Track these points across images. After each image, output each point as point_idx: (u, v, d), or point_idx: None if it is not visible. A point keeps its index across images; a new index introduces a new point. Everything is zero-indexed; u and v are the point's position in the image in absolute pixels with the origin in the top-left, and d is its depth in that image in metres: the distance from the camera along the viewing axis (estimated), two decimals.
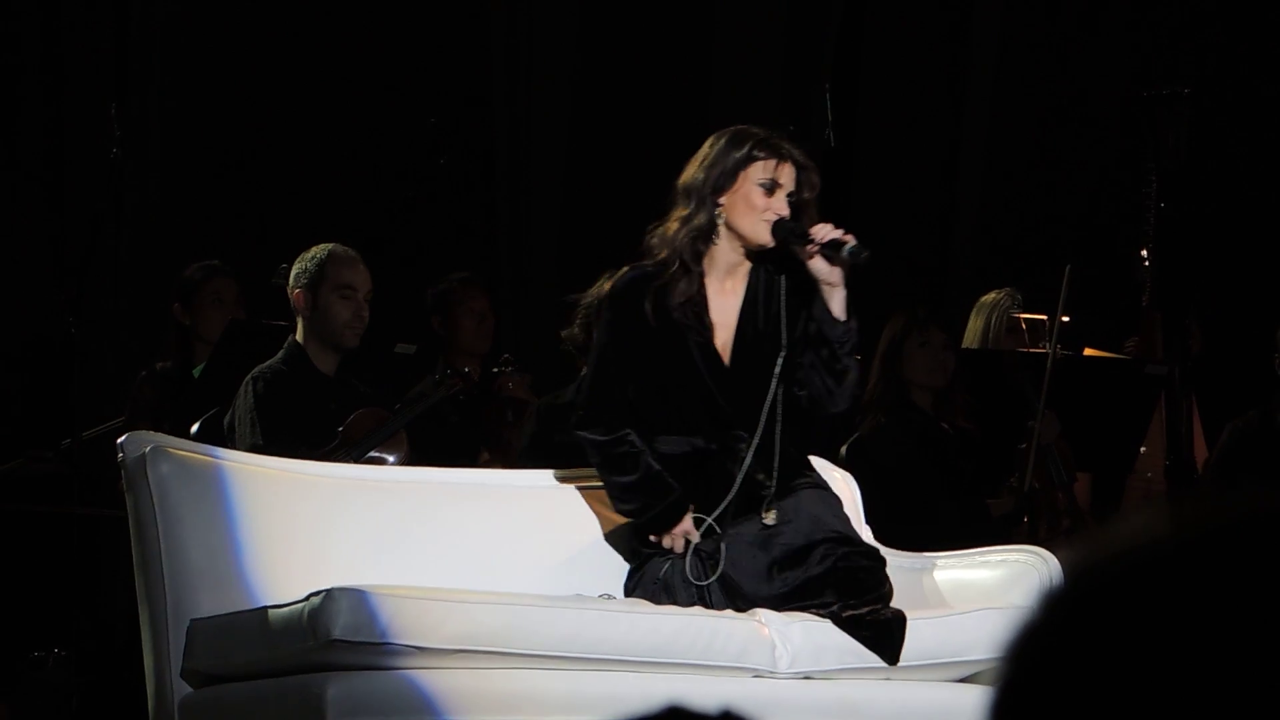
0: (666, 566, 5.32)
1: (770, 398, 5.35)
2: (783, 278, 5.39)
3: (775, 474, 5.35)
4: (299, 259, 6.67)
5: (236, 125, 9.25)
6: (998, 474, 7.44)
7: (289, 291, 6.65)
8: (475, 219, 9.78)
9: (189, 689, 5.15)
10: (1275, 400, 7.87)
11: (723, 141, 5.40)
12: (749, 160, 5.33)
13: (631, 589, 5.37)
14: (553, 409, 7.13)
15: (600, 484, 5.55)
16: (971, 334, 7.96)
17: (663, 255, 5.38)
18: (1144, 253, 8.16)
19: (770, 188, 5.31)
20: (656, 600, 5.28)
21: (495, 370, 7.63)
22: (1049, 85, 9.98)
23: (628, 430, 5.38)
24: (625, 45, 9.82)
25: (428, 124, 9.10)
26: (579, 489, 5.70)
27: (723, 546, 5.29)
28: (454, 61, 9.72)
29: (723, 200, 5.34)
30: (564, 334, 7.01)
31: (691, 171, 5.41)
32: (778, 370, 5.36)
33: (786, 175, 5.33)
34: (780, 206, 5.30)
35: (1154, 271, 8.09)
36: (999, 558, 5.54)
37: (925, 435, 7.37)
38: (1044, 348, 7.46)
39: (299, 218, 8.74)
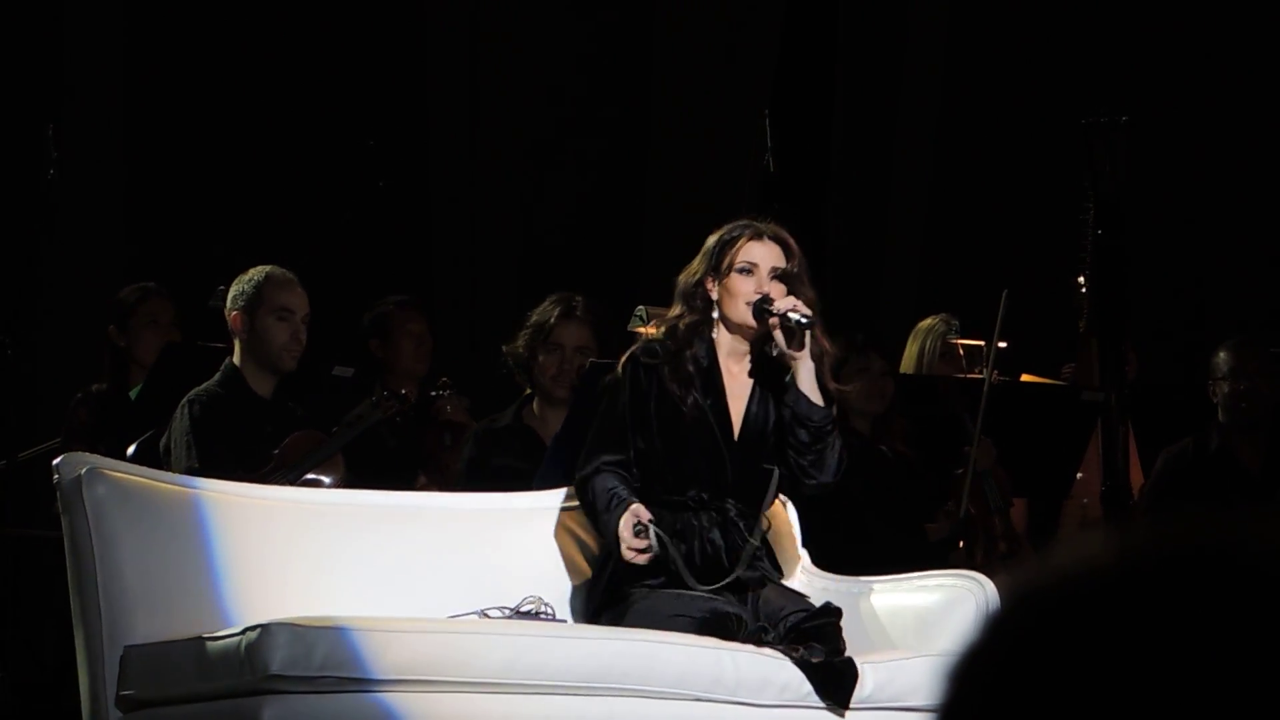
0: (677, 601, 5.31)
1: (773, 481, 5.45)
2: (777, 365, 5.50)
3: (751, 540, 5.41)
4: (236, 281, 6.64)
5: (174, 147, 9.21)
6: (934, 499, 7.45)
7: (226, 313, 6.63)
8: (413, 241, 9.76)
9: (122, 714, 5.11)
10: (1210, 427, 7.91)
11: (708, 243, 5.53)
12: (726, 248, 5.46)
13: (617, 617, 5.34)
14: (490, 433, 7.12)
15: (542, 506, 5.58)
16: (908, 359, 7.99)
17: (672, 344, 5.46)
18: (1081, 279, 8.19)
19: (748, 269, 5.39)
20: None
21: (433, 394, 7.61)
22: (988, 110, 10.02)
23: (610, 474, 5.40)
24: (575, 66, 9.82)
25: (366, 146, 9.08)
26: (516, 511, 5.69)
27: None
28: (392, 83, 9.71)
29: (712, 293, 5.48)
30: (505, 348, 7.02)
31: (685, 275, 5.51)
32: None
33: (765, 253, 5.42)
34: (762, 286, 5.39)
35: (1091, 298, 8.12)
36: (935, 582, 5.56)
37: (863, 460, 7.38)
38: (980, 373, 7.49)
39: (236, 239, 8.71)
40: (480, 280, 9.72)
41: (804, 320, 5.38)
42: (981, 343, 7.67)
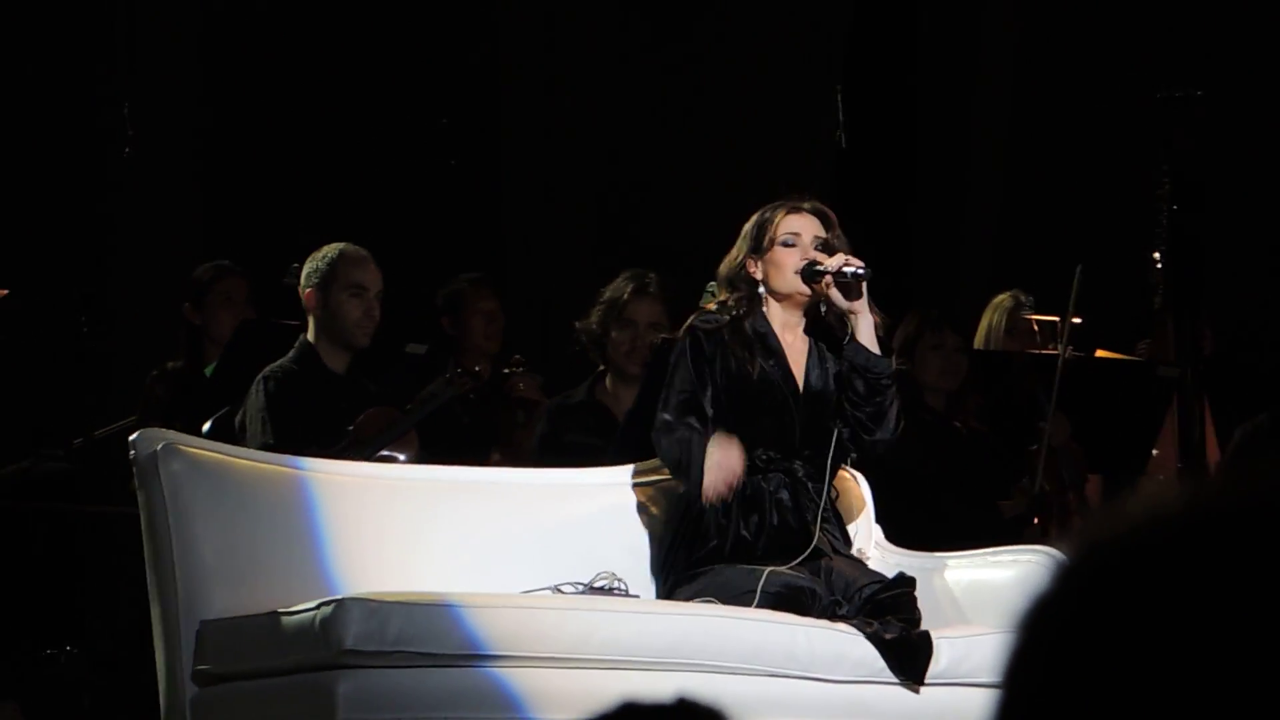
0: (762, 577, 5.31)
1: (833, 444, 5.47)
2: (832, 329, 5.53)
3: (822, 505, 5.41)
4: (310, 258, 6.67)
5: (248, 125, 9.25)
6: (1009, 475, 7.42)
7: (300, 291, 6.65)
8: (487, 219, 9.77)
9: (198, 688, 5.15)
10: None
11: (747, 225, 5.59)
12: (766, 226, 5.51)
13: (694, 594, 5.35)
14: (563, 409, 7.13)
15: (615, 482, 5.60)
16: (979, 334, 7.96)
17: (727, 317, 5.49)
18: (1156, 255, 8.14)
19: (791, 242, 5.42)
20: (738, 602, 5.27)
21: (506, 371, 7.63)
22: (1063, 87, 9.97)
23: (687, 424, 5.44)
24: (642, 47, 9.82)
25: (439, 124, 9.10)
26: (589, 487, 5.70)
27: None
28: (465, 61, 9.72)
29: (756, 274, 5.51)
30: (579, 324, 7.03)
31: (726, 263, 5.57)
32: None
33: (805, 224, 5.48)
34: (807, 254, 5.42)
35: (1166, 273, 8.07)
36: (1010, 557, 5.54)
37: (938, 436, 7.36)
38: (1055, 349, 7.45)
39: (310, 217, 8.74)
40: (554, 257, 9.72)
41: (860, 271, 5.42)
42: (1056, 318, 7.63)
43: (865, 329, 5.48)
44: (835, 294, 5.47)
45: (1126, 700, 1.05)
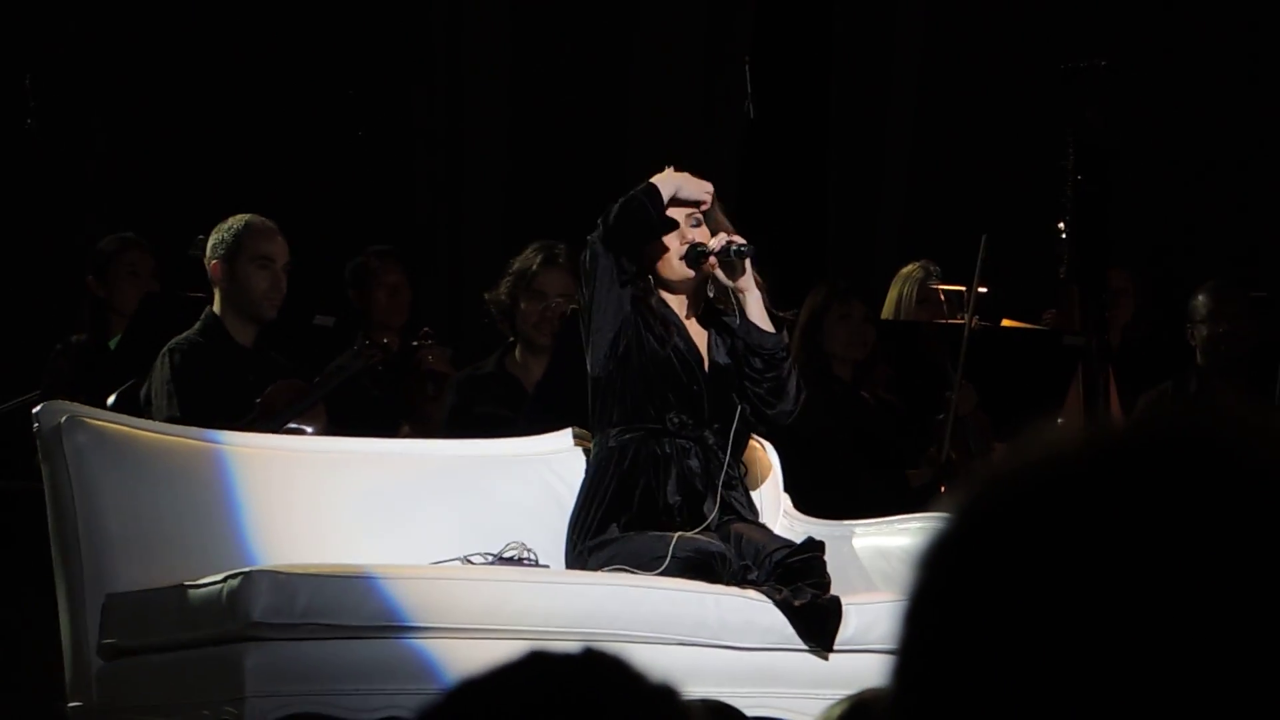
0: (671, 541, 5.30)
1: (736, 417, 5.48)
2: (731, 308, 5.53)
3: (724, 472, 5.42)
4: (215, 230, 6.63)
5: (153, 94, 9.17)
6: (917, 444, 7.46)
7: (205, 262, 6.61)
8: (396, 191, 9.74)
9: (104, 662, 5.12)
10: (1188, 370, 7.92)
11: None
12: None
13: (604, 561, 5.35)
14: (473, 380, 7.12)
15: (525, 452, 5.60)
16: (888, 305, 7.99)
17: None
18: (1061, 225, 8.19)
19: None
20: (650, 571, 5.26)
21: (415, 344, 7.61)
22: (971, 57, 10.01)
23: None
24: (554, 15, 9.79)
25: (347, 95, 9.05)
26: (499, 458, 5.70)
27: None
28: (372, 31, 9.67)
29: (647, 267, 5.48)
30: (488, 295, 7.02)
31: None
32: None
33: (677, 207, 5.44)
34: (687, 236, 5.41)
35: (1071, 243, 8.12)
36: (917, 525, 5.57)
37: (845, 406, 7.39)
38: (962, 319, 7.49)
39: (216, 189, 8.68)
40: (462, 228, 9.70)
41: (743, 249, 5.41)
42: (962, 288, 7.67)
43: (754, 305, 5.49)
44: (719, 274, 5.47)
45: (1025, 634, 1.05)
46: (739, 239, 5.44)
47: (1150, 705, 1.02)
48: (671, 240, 5.49)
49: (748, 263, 5.44)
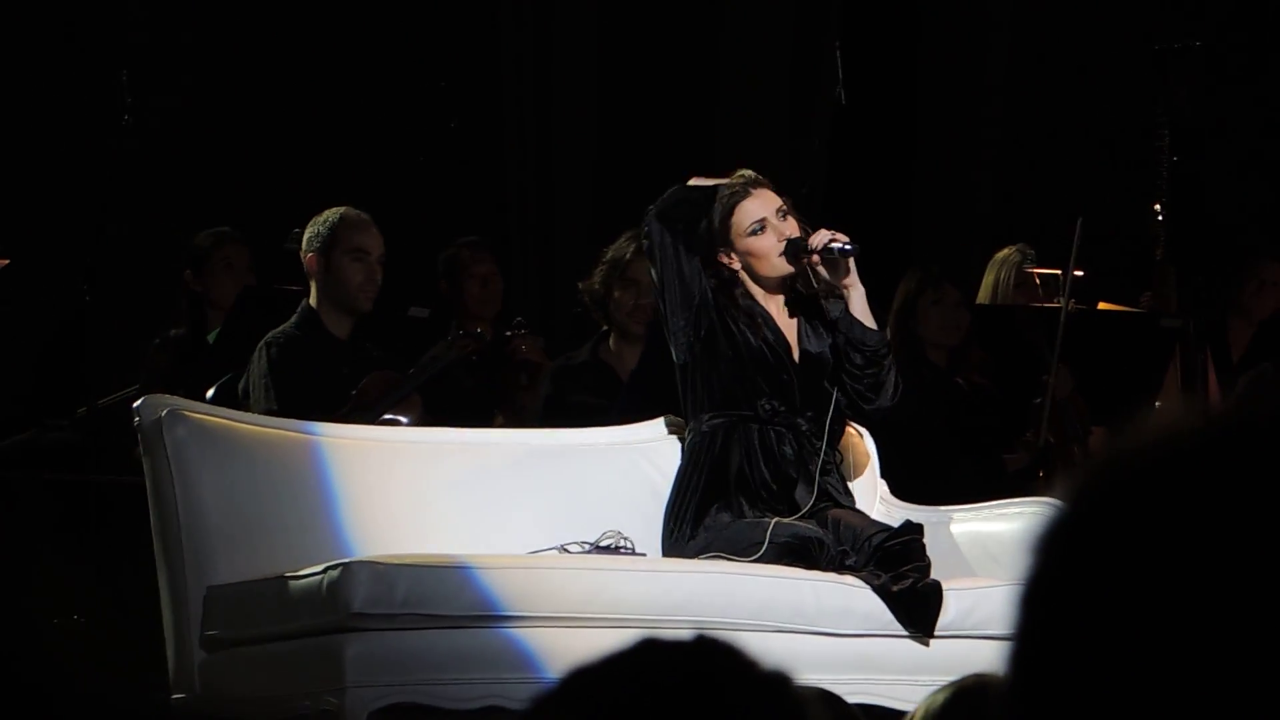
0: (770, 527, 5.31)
1: (832, 406, 5.48)
2: (823, 298, 5.54)
3: (821, 459, 5.41)
4: (311, 223, 6.65)
5: (249, 90, 9.23)
6: (1013, 429, 7.42)
7: (301, 255, 6.64)
8: (488, 181, 9.76)
9: (206, 654, 5.16)
10: None
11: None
12: (724, 219, 5.41)
13: (701, 548, 5.35)
14: (567, 370, 7.13)
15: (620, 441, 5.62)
16: (984, 290, 7.95)
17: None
18: (1157, 206, 8.13)
19: (760, 228, 5.39)
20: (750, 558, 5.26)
21: (508, 334, 7.62)
22: (1063, 39, 9.94)
23: None
24: (643, 3, 9.79)
25: (438, 86, 9.08)
26: (595, 447, 5.70)
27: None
28: (463, 23, 9.70)
29: (734, 265, 5.48)
30: (581, 285, 7.03)
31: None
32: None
33: (761, 203, 5.43)
34: (780, 232, 5.41)
35: (1167, 225, 8.06)
36: (1015, 510, 5.55)
37: (940, 392, 7.37)
38: (1058, 302, 7.44)
39: (311, 182, 8.72)
40: (556, 218, 9.71)
41: (847, 248, 5.40)
42: (1058, 271, 7.63)
43: (857, 301, 5.49)
44: (821, 270, 5.47)
45: (1142, 620, 1.04)
46: (842, 237, 5.43)
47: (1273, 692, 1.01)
48: (767, 238, 5.48)
49: (851, 261, 5.44)
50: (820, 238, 5.44)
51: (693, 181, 5.51)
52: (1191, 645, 1.04)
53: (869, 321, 5.51)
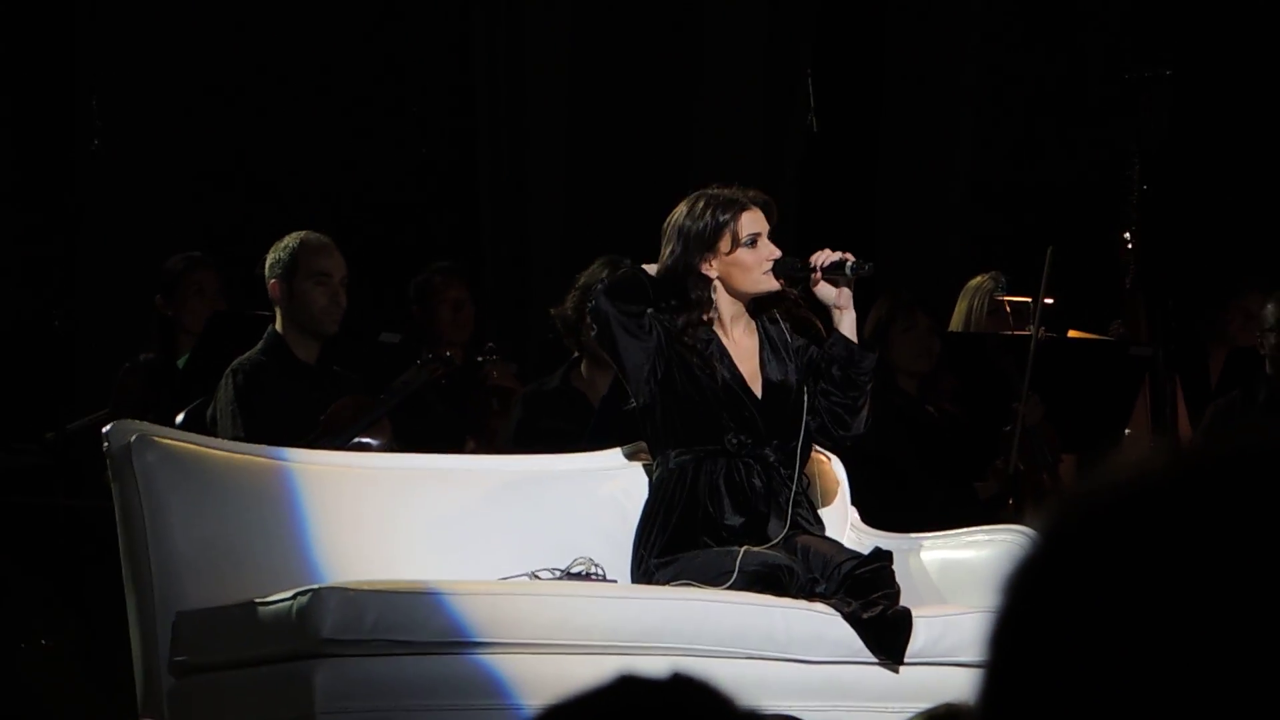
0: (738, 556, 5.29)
1: (802, 432, 5.45)
2: (785, 320, 5.51)
3: (794, 490, 5.41)
4: (272, 249, 6.65)
5: (217, 117, 9.22)
6: (983, 457, 7.43)
7: (266, 282, 6.64)
8: (459, 208, 9.76)
9: (175, 679, 5.14)
10: (1258, 379, 7.87)
11: (681, 217, 5.49)
12: (723, 227, 5.40)
13: (671, 577, 5.34)
14: (538, 396, 7.12)
15: (590, 467, 5.60)
16: (957, 318, 7.97)
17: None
18: (1127, 235, 8.16)
19: (754, 242, 5.39)
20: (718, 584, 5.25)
21: (480, 359, 7.62)
22: (1033, 68, 9.98)
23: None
24: (615, 32, 9.81)
25: (410, 113, 9.07)
26: (566, 473, 5.70)
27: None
28: (436, 49, 9.70)
29: (711, 273, 5.43)
30: (554, 310, 7.03)
31: (663, 259, 5.46)
32: (806, 403, 5.48)
33: (757, 220, 5.45)
34: (770, 251, 5.41)
35: (1137, 253, 8.09)
36: (985, 537, 5.55)
37: (911, 419, 7.37)
38: (1029, 330, 7.46)
39: (283, 208, 8.72)
40: (528, 244, 9.72)
41: (861, 267, 5.41)
42: (1028, 299, 7.64)
43: (849, 322, 5.48)
44: (824, 289, 5.46)
45: (1113, 656, 1.04)
46: (850, 255, 5.44)
47: None
48: (755, 255, 5.47)
49: (851, 282, 5.45)
50: (823, 256, 5.44)
51: (645, 266, 5.52)
52: (1160, 680, 1.04)
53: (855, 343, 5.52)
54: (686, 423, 5.45)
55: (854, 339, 5.48)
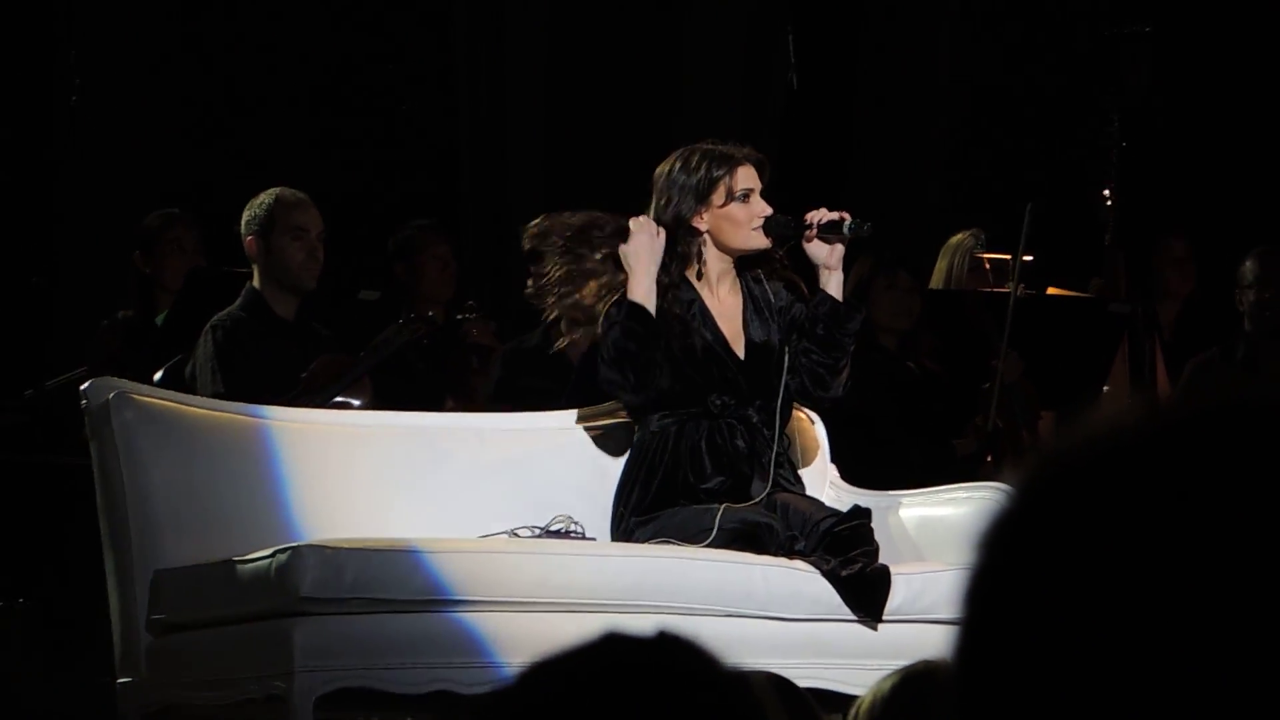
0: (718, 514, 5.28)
1: (782, 390, 5.43)
2: (769, 279, 5.48)
3: (775, 450, 5.40)
4: (247, 206, 6.63)
5: (195, 74, 9.19)
6: (963, 414, 7.44)
7: (243, 239, 6.62)
8: (438, 165, 9.74)
9: (153, 637, 5.14)
10: (1237, 336, 7.89)
11: (675, 169, 5.46)
12: (717, 180, 5.38)
13: (651, 535, 5.34)
14: (518, 354, 7.12)
15: (570, 425, 5.60)
16: (937, 275, 7.97)
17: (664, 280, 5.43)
18: (1106, 192, 8.16)
19: (745, 196, 5.36)
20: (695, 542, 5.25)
21: (460, 317, 7.61)
22: (1011, 24, 9.97)
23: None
24: None
25: (388, 70, 9.05)
26: (545, 431, 5.70)
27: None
28: (415, 5, 9.68)
29: (701, 226, 5.39)
30: (526, 293, 7.01)
31: (653, 208, 5.43)
32: (786, 362, 5.45)
33: (751, 177, 5.42)
34: (762, 208, 5.38)
35: (1117, 210, 8.09)
36: (964, 494, 5.56)
37: (891, 376, 7.38)
38: (1007, 287, 7.46)
39: (262, 164, 8.70)
40: (508, 202, 9.70)
41: (860, 226, 5.38)
42: (1008, 256, 7.65)
43: (836, 282, 5.45)
44: (816, 247, 5.44)
45: (1088, 610, 1.04)
46: (848, 215, 5.40)
47: (1222, 680, 1.01)
48: (747, 210, 5.44)
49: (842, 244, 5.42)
50: (820, 214, 5.42)
51: (631, 283, 5.41)
52: (1134, 636, 1.04)
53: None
54: (670, 386, 5.44)
55: (840, 299, 5.46)
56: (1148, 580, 1.03)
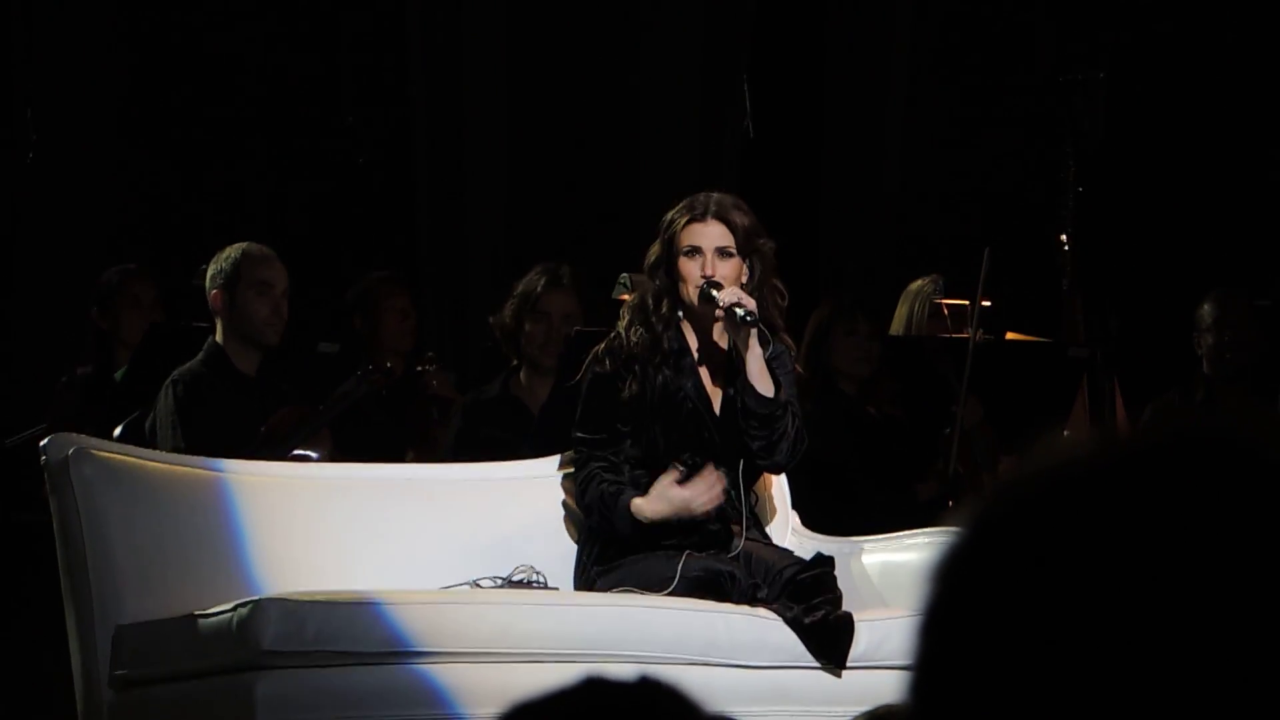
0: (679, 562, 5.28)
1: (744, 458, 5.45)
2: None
3: (744, 513, 5.41)
4: (213, 260, 6.63)
5: (152, 127, 9.19)
6: (924, 459, 7.46)
7: (206, 293, 6.61)
8: (396, 218, 9.75)
9: (115, 693, 5.11)
10: (1195, 379, 7.92)
11: (669, 212, 5.48)
12: (673, 236, 5.38)
13: (613, 584, 5.32)
14: (478, 404, 7.11)
15: (532, 475, 5.60)
16: (897, 321, 7.99)
17: (646, 332, 5.41)
18: (1063, 236, 8.19)
19: (692, 253, 5.36)
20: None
21: (419, 368, 7.60)
22: (967, 69, 10.02)
23: (594, 466, 5.41)
24: (552, 40, 9.81)
25: (346, 123, 9.06)
26: (506, 481, 5.69)
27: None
28: (372, 58, 9.69)
29: (675, 273, 5.43)
30: (492, 319, 7.02)
31: (651, 254, 5.51)
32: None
33: (701, 233, 5.36)
34: (709, 268, 5.33)
35: (1074, 254, 8.12)
36: (925, 540, 5.57)
37: (852, 422, 7.39)
38: (966, 333, 7.48)
39: (218, 218, 8.69)
40: (465, 252, 9.71)
41: (747, 317, 5.31)
42: (966, 302, 7.67)
43: (752, 365, 5.39)
44: (725, 326, 5.42)
45: (1042, 644, 1.05)
46: (748, 303, 5.32)
47: (1175, 710, 1.01)
48: (692, 267, 5.41)
49: (753, 331, 5.35)
50: (727, 295, 5.35)
51: (653, 510, 5.41)
52: (1086, 665, 1.04)
53: (764, 384, 5.41)
54: (645, 448, 5.44)
55: (758, 380, 5.40)
56: (1098, 610, 1.04)
